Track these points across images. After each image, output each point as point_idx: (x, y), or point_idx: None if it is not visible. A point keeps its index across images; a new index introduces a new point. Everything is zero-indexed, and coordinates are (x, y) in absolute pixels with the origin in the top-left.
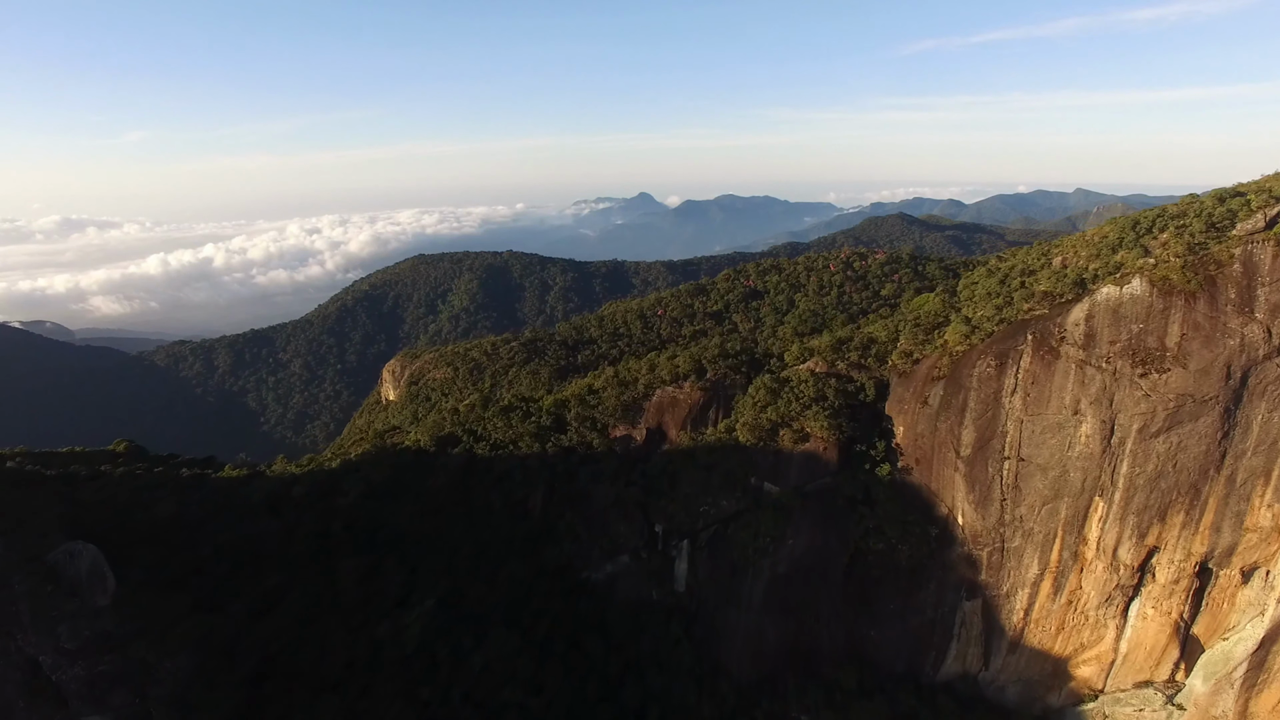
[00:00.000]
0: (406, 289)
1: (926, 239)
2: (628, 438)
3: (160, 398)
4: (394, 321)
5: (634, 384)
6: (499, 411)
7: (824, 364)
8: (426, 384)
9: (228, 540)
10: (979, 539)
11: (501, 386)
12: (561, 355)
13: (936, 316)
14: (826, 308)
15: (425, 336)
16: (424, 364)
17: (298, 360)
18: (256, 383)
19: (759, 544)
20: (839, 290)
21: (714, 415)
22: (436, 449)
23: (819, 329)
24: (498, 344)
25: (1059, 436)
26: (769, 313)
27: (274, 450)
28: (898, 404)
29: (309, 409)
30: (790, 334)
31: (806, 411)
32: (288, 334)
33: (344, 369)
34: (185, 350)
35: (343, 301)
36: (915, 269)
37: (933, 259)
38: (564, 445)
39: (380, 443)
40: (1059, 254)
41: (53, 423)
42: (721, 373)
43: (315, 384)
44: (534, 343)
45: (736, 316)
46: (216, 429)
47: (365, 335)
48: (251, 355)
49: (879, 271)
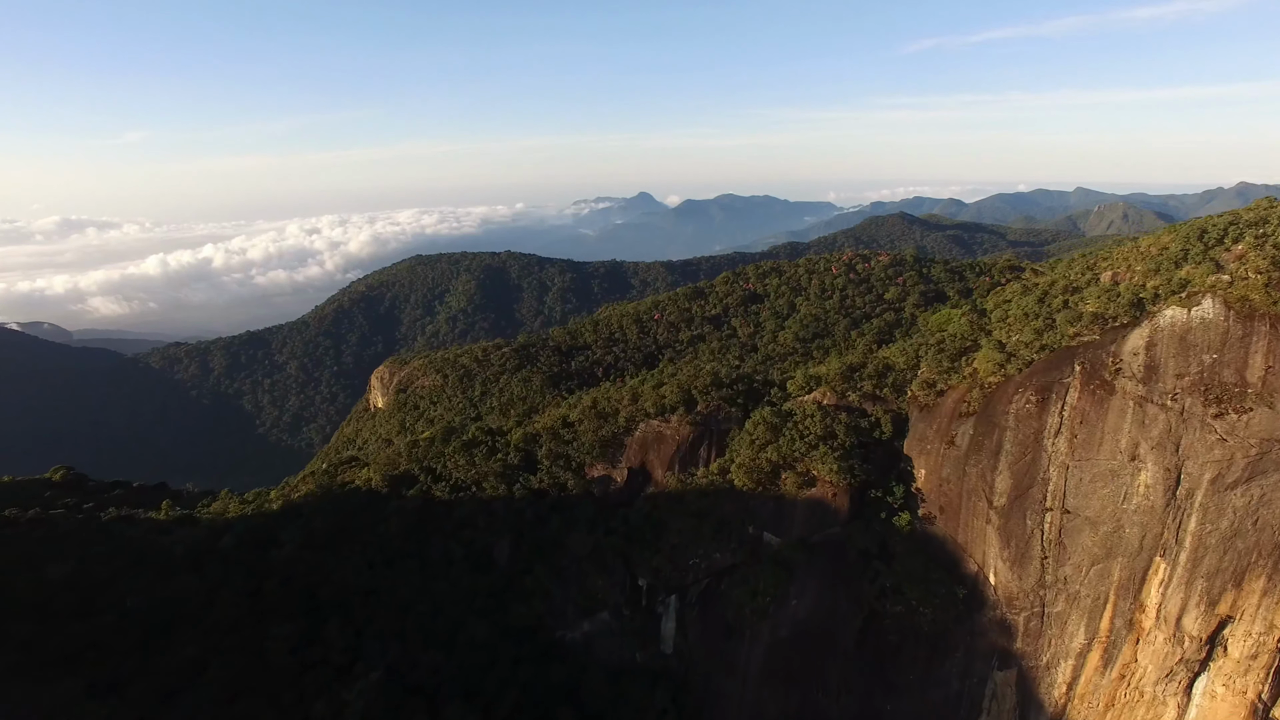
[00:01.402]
0: (404, 290)
1: (927, 239)
2: (607, 479)
3: (155, 400)
4: (391, 323)
5: (614, 416)
6: (461, 447)
7: (833, 395)
8: (415, 392)
9: (138, 605)
10: (1015, 602)
11: (492, 395)
12: (555, 362)
13: (963, 340)
14: (829, 312)
15: (422, 338)
16: (412, 371)
17: (294, 362)
18: (252, 385)
19: (757, 603)
20: (841, 294)
21: (706, 454)
22: (389, 490)
23: (821, 334)
24: (489, 350)
25: (1112, 486)
26: (769, 317)
27: (269, 454)
28: (919, 443)
29: (305, 411)
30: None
31: (813, 451)
32: (283, 336)
33: (340, 371)
34: (180, 353)
35: (339, 303)
36: (920, 272)
37: (937, 261)
38: (534, 487)
39: (327, 481)
40: (1108, 267)
41: (48, 426)
42: (714, 405)
43: (311, 386)
44: (526, 349)
45: (735, 321)
46: (212, 432)
47: (362, 337)
48: (247, 357)
49: (882, 274)
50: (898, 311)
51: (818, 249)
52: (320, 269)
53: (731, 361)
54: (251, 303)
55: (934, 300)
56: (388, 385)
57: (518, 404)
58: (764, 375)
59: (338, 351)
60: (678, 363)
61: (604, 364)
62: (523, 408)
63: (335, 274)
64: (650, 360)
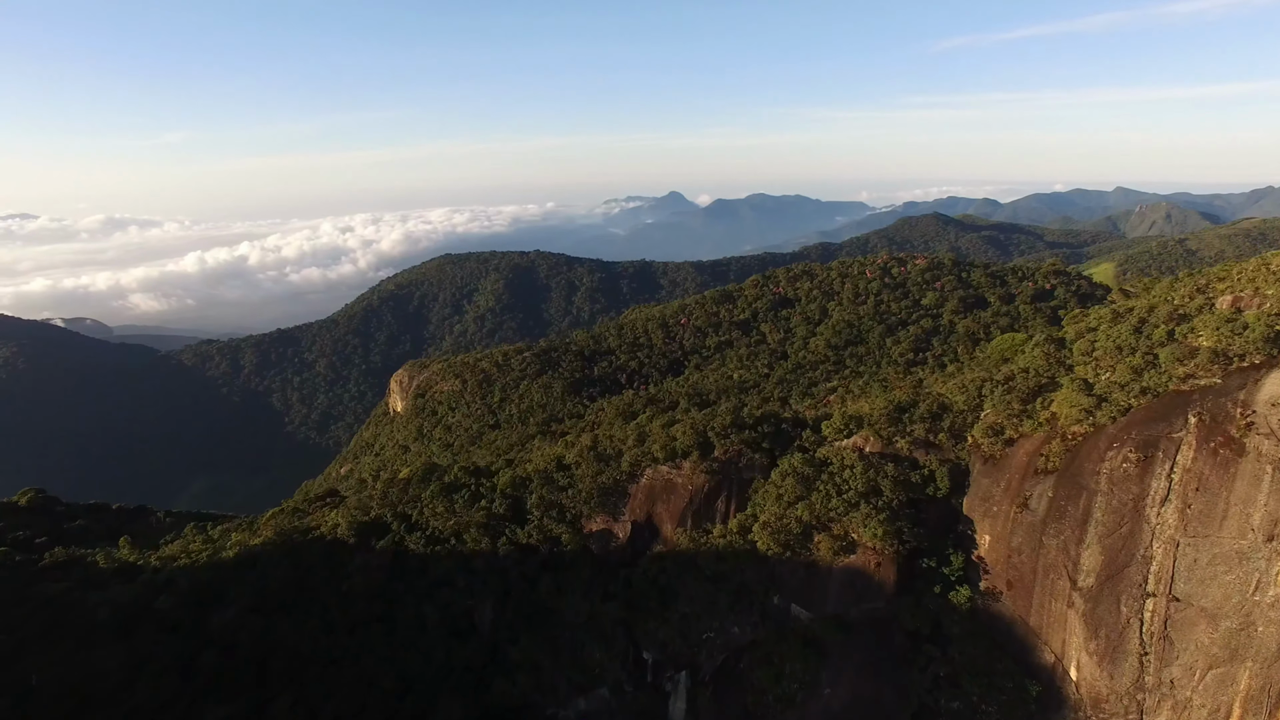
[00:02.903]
0: (432, 289)
1: (962, 239)
2: (607, 533)
3: (187, 397)
4: (419, 322)
5: (616, 460)
6: (440, 491)
7: (877, 440)
8: (433, 397)
9: (45, 682)
10: (1103, 705)
11: (511, 401)
12: (577, 367)
13: (1038, 376)
14: (862, 318)
15: (450, 337)
16: (431, 375)
17: (323, 360)
18: (282, 383)
19: (783, 689)
20: (876, 299)
21: (723, 507)
22: (358, 540)
23: (854, 341)
24: (509, 354)
25: (1240, 572)
26: (800, 323)
27: (297, 452)
28: (982, 503)
29: (333, 409)
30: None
31: (853, 510)
32: (313, 334)
33: (369, 369)
34: (212, 350)
35: (368, 301)
36: (959, 276)
37: (977, 264)
38: (522, 542)
39: (288, 526)
40: (1226, 290)
41: (84, 422)
42: (735, 449)
43: (340, 385)
44: (548, 353)
45: (765, 326)
46: (241, 430)
47: (390, 336)
48: (277, 355)
49: (919, 279)
50: (935, 318)
51: (850, 250)
52: (353, 267)
53: (760, 369)
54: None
55: (974, 307)
56: (406, 389)
57: (537, 411)
58: (793, 413)
59: (366, 350)
60: (704, 369)
61: (627, 370)
62: (543, 414)
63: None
64: (676, 367)
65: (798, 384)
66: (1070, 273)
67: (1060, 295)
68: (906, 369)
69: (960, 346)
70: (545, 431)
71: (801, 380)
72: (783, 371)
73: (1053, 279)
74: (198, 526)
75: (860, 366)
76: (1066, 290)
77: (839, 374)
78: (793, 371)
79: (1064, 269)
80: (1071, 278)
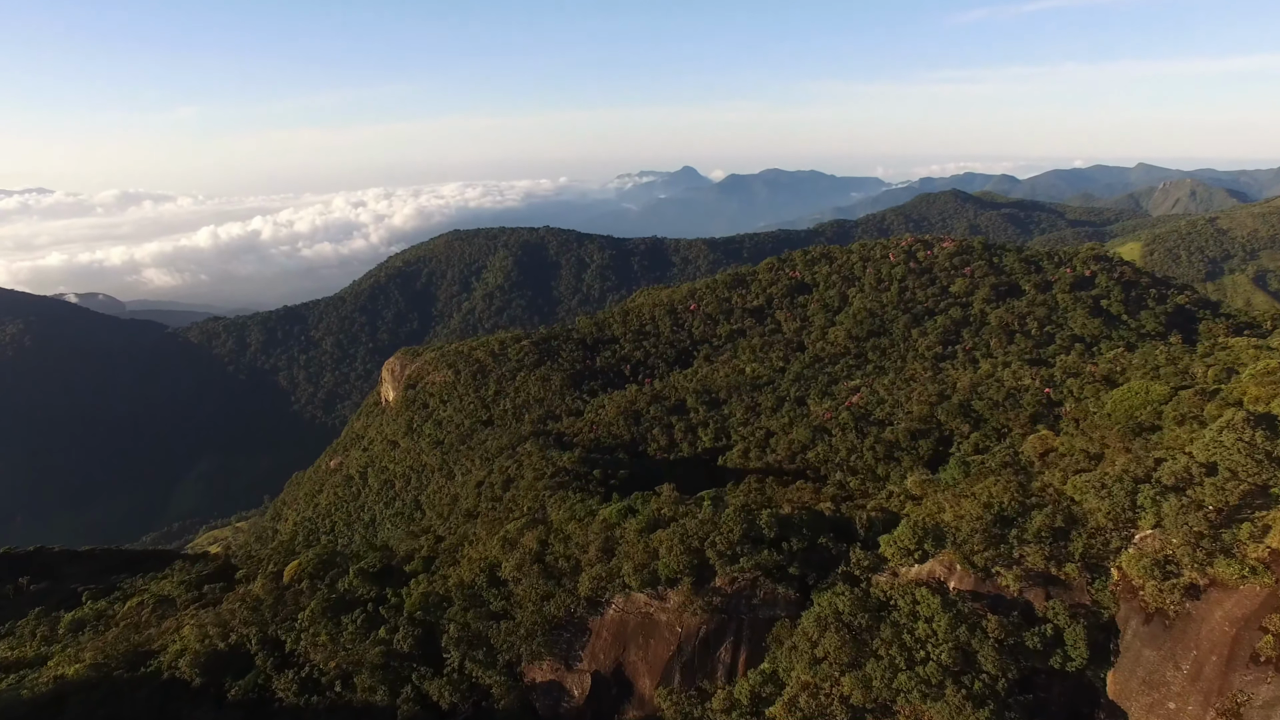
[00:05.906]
0: (440, 266)
1: (981, 217)
2: (556, 688)
3: (195, 375)
4: (427, 299)
5: (571, 577)
6: (326, 608)
7: (967, 571)
8: (424, 389)
9: None
10: None
11: (506, 395)
12: (578, 357)
13: (1240, 478)
14: (885, 306)
15: (459, 315)
16: (423, 365)
17: (329, 338)
18: (288, 360)
19: None
20: (900, 285)
21: (728, 658)
22: (204, 679)
23: (877, 332)
24: (506, 343)
25: None
26: (818, 310)
27: (304, 431)
28: (1145, 688)
29: (339, 388)
30: (843, 337)
31: (933, 695)
32: (319, 312)
33: (375, 348)
34: (218, 327)
35: (375, 279)
36: (990, 261)
37: (1009, 249)
38: (433, 697)
39: (111, 654)
40: None
41: (89, 400)
42: (747, 579)
43: (346, 363)
44: (547, 341)
45: (780, 314)
46: (247, 408)
47: (398, 314)
48: (284, 332)
49: (947, 263)
50: (965, 308)
51: (866, 227)
52: (365, 242)
53: (775, 363)
54: (298, 275)
55: (1007, 295)
56: (398, 379)
57: (534, 407)
58: (834, 510)
59: (373, 328)
60: (714, 361)
61: (632, 360)
62: (540, 411)
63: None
64: (684, 358)
65: (816, 381)
66: (1112, 258)
67: (1102, 283)
68: (934, 364)
69: (994, 340)
70: (486, 511)
71: (820, 377)
72: (799, 365)
73: (1093, 265)
74: (44, 613)
75: (884, 361)
76: (1109, 278)
77: (861, 370)
78: (810, 365)
79: (1104, 254)
80: (1114, 264)
